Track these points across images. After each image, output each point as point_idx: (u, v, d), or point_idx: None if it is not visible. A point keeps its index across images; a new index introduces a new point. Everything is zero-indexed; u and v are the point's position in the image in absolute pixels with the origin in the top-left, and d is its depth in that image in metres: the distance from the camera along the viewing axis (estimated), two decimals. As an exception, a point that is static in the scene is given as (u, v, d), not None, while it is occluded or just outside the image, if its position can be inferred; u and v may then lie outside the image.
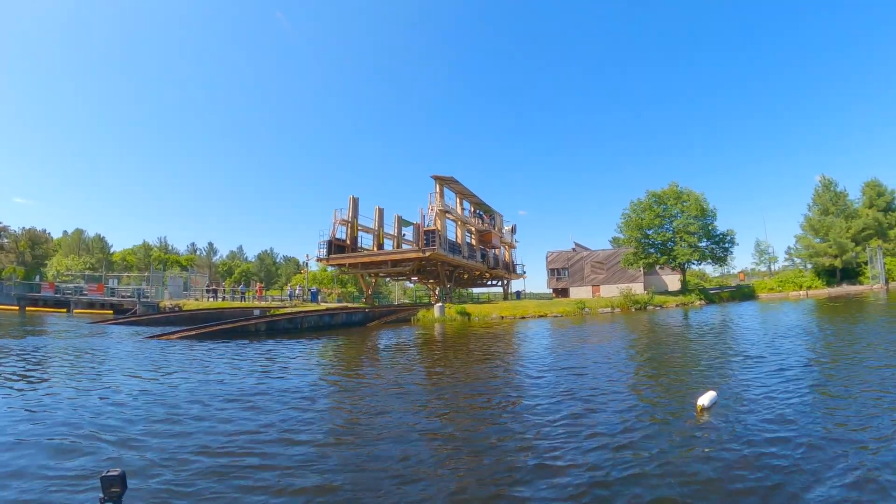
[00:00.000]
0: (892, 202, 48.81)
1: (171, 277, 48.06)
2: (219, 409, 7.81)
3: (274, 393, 9.04)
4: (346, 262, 38.10)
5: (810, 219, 47.27)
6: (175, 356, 14.39)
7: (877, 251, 42.40)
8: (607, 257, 52.99)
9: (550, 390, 8.96)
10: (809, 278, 45.86)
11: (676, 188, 43.88)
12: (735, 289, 47.41)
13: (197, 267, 71.83)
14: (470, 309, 33.03)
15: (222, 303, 38.92)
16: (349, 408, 8.16)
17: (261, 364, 12.93)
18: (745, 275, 63.31)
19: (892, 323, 18.43)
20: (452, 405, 8.21)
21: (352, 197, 39.47)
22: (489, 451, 5.70)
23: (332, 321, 27.91)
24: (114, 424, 6.83)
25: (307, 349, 17.07)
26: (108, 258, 77.57)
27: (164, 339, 19.51)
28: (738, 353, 12.34)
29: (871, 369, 9.44)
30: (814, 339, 14.87)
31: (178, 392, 9.09)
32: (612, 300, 36.80)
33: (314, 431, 6.54)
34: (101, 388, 9.50)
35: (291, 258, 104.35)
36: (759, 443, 5.58)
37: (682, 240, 41.80)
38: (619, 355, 13.47)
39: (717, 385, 8.42)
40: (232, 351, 16.02)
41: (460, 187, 41.86)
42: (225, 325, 23.44)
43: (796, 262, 70.05)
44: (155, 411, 7.62)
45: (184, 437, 6.26)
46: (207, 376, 10.92)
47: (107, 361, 13.27)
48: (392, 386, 9.85)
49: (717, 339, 16.12)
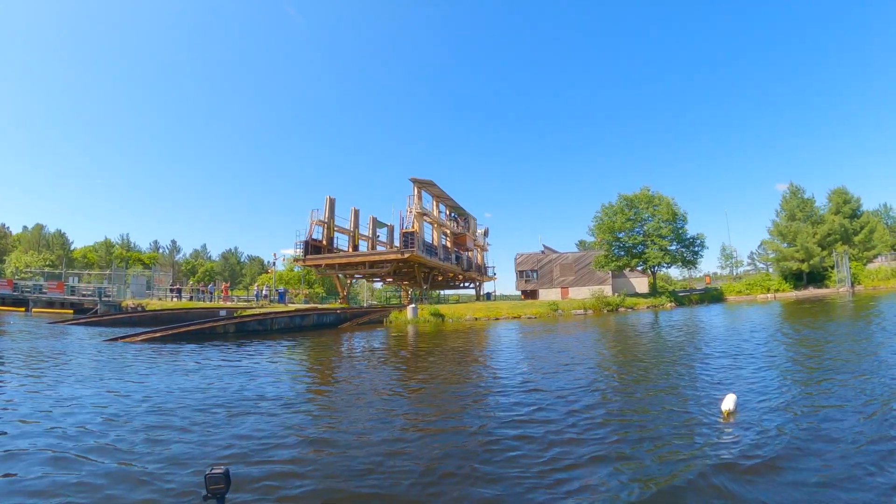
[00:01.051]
0: (857, 209, 50.51)
1: (133, 276, 46.31)
2: (198, 421, 7.00)
3: (252, 399, 8.43)
4: (323, 262, 37.92)
5: (778, 224, 48.41)
6: (139, 360, 13.39)
7: (843, 256, 43.64)
8: (576, 259, 53.39)
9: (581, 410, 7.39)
10: (777, 282, 46.97)
11: (648, 192, 44.41)
12: (703, 291, 48.23)
13: (160, 265, 69.76)
14: (444, 310, 32.72)
15: (187, 303, 37.75)
16: (332, 415, 7.58)
17: (234, 368, 12.11)
18: (710, 278, 64.74)
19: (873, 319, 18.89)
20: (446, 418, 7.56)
21: (328, 197, 39.40)
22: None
23: (304, 322, 27.22)
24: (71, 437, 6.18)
25: (279, 352, 16.41)
26: (68, 255, 74.70)
27: (128, 342, 18.45)
28: (741, 354, 12.12)
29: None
30: (803, 337, 15.03)
31: (145, 402, 8.19)
32: (584, 302, 36.98)
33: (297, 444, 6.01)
34: (54, 398, 8.59)
35: (256, 258, 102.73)
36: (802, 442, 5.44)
37: (654, 243, 42.32)
38: (627, 365, 11.88)
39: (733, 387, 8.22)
40: (201, 354, 15.18)
41: (437, 190, 41.93)
42: (192, 326, 22.49)
43: (759, 266, 73.50)
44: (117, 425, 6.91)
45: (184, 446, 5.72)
46: (183, 383, 9.94)
47: (64, 366, 12.15)
48: (376, 396, 9.17)
49: (718, 340, 15.42)
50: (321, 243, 38.28)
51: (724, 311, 31.07)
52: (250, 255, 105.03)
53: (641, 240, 43.30)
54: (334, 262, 38.00)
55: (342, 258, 38.33)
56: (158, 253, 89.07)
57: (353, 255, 39.12)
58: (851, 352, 11.55)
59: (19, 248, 71.52)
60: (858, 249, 47.30)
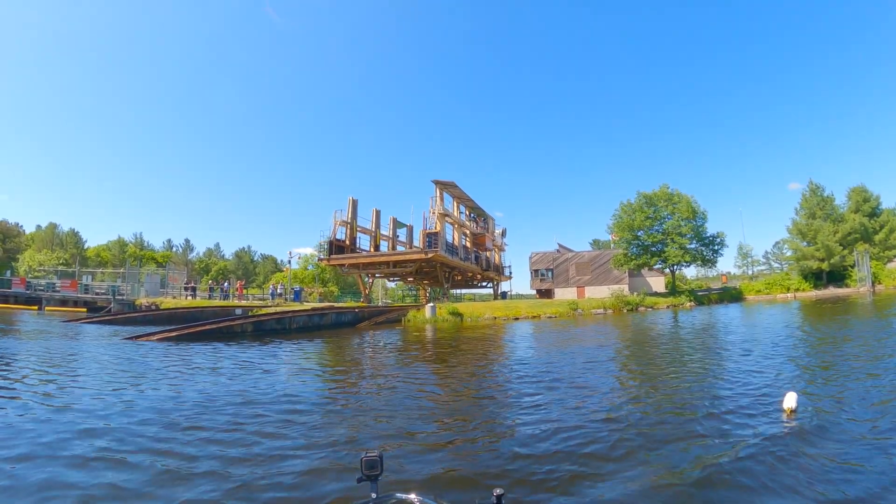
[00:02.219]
0: (877, 207, 49.84)
1: (147, 274, 46.23)
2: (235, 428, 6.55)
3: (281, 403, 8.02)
4: (348, 262, 38.61)
5: (798, 223, 47.59)
6: (157, 360, 13.09)
7: (864, 255, 42.91)
8: (592, 259, 52.67)
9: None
10: (797, 281, 46.18)
11: (667, 190, 43.77)
12: (722, 290, 47.51)
13: (174, 264, 69.67)
14: (462, 309, 32.19)
15: (202, 301, 37.52)
16: (365, 420, 7.17)
17: (259, 370, 11.62)
18: (726, 277, 63.88)
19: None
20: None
21: (351, 198, 39.95)
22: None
23: (322, 322, 26.86)
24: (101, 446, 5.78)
25: (303, 352, 16.03)
26: (81, 254, 74.85)
27: (144, 341, 18.19)
28: (780, 353, 11.89)
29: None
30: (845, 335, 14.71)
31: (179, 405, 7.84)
32: (604, 301, 36.39)
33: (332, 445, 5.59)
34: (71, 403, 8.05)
35: (269, 256, 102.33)
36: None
37: (673, 241, 41.67)
38: (681, 364, 11.38)
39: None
40: (222, 354, 14.82)
41: (458, 192, 42.52)
42: (209, 325, 22.16)
43: (773, 265, 72.71)
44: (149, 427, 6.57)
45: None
46: (213, 384, 9.66)
47: (80, 368, 11.78)
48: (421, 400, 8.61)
49: (755, 340, 14.79)
50: (344, 243, 38.89)
51: (748, 310, 30.41)
52: (263, 254, 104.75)
53: (661, 238, 42.64)
54: (359, 261, 38.76)
55: (366, 258, 39.07)
56: (172, 252, 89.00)
57: (377, 255, 39.84)
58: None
59: (33, 247, 71.74)
60: (879, 248, 46.62)
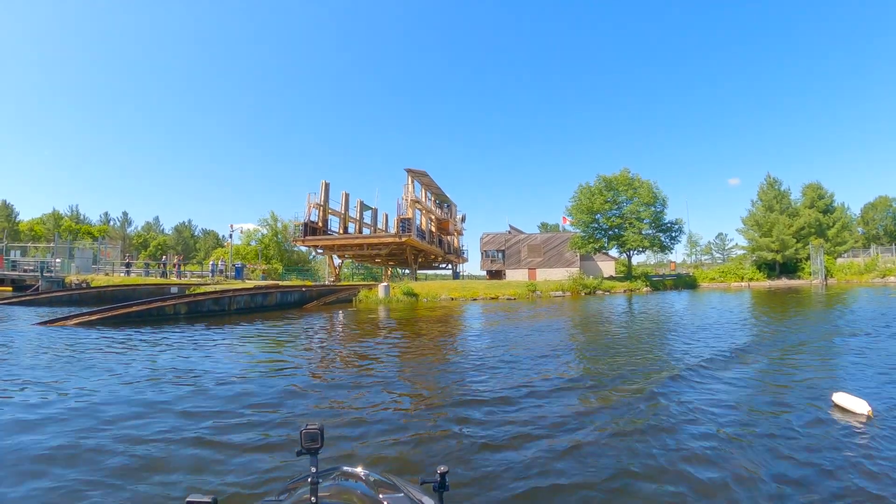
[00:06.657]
0: (830, 204, 51.80)
1: (78, 249, 42.77)
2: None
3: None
4: (323, 243, 40.51)
5: (755, 214, 48.46)
6: (61, 354, 10.37)
7: (819, 249, 44.40)
8: (545, 241, 52.07)
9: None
10: (751, 271, 47.14)
11: (628, 174, 43.41)
12: (677, 277, 47.82)
13: (110, 239, 65.52)
14: (418, 289, 30.94)
15: (136, 279, 34.83)
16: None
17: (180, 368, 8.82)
18: (675, 265, 65.11)
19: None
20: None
21: (324, 182, 41.61)
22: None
23: (265, 302, 25.00)
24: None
25: (238, 340, 13.40)
26: (13, 227, 69.75)
27: (58, 326, 15.68)
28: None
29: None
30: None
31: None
32: (562, 284, 35.98)
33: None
34: None
35: (211, 231, 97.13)
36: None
37: (632, 225, 41.45)
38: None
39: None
40: (147, 341, 12.43)
41: (427, 180, 44.52)
42: (136, 306, 19.56)
43: (715, 256, 75.65)
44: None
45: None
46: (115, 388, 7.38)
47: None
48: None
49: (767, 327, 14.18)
50: (317, 225, 40.29)
51: (705, 296, 30.37)
52: (205, 229, 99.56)
53: (619, 222, 42.37)
54: (334, 243, 40.50)
55: (342, 240, 40.81)
56: (109, 225, 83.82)
57: (352, 237, 42.07)
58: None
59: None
60: (831, 244, 48.16)
